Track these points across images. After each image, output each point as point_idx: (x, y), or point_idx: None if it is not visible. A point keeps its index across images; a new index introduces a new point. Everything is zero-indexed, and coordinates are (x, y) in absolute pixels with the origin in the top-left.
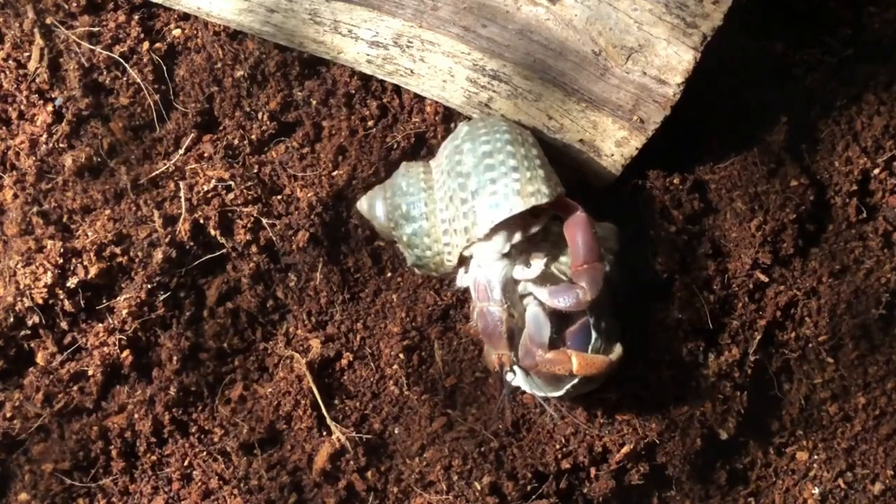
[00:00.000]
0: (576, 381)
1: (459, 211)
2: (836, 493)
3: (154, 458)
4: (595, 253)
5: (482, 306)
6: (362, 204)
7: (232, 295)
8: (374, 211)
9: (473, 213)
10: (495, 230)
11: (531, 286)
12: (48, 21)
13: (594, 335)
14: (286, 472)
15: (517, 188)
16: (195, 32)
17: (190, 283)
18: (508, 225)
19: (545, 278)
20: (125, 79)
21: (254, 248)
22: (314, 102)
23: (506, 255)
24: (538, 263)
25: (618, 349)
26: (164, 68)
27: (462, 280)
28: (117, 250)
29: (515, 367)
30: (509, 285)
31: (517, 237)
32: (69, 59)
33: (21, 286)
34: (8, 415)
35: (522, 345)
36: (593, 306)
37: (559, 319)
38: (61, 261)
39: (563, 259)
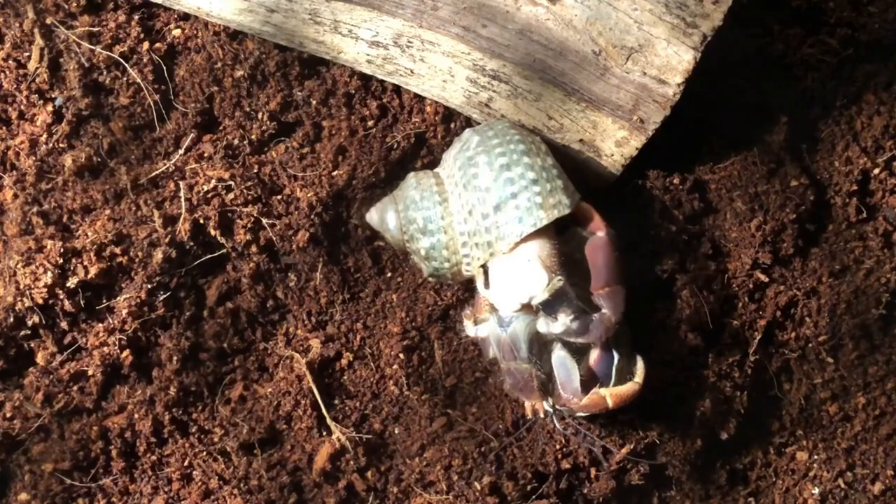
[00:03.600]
0: None
1: (481, 225)
2: (836, 493)
3: (154, 458)
4: (616, 275)
5: (509, 366)
6: (372, 216)
7: (232, 295)
8: (387, 224)
9: (497, 227)
10: (518, 243)
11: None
12: (48, 21)
13: (616, 356)
14: (286, 472)
15: (539, 201)
16: (195, 32)
17: (190, 283)
18: (530, 237)
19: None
20: (125, 79)
21: (254, 248)
22: (314, 102)
23: (526, 308)
24: (564, 319)
25: (640, 366)
26: (164, 68)
27: (471, 330)
28: (117, 250)
29: (550, 409)
30: (534, 339)
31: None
32: (69, 59)
33: (21, 286)
34: (8, 415)
35: (556, 390)
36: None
37: (579, 350)
38: (61, 261)
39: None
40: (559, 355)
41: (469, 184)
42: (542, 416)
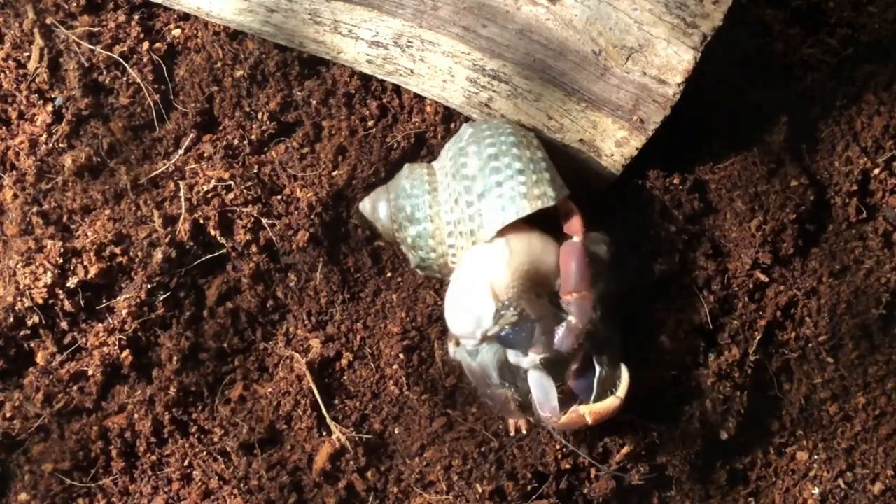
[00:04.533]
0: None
1: (465, 213)
2: (837, 493)
3: (154, 458)
4: (586, 282)
5: (484, 392)
6: (365, 205)
7: (232, 295)
8: (378, 213)
9: (480, 215)
10: (500, 234)
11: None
12: (48, 21)
13: (598, 368)
14: (286, 472)
15: (524, 191)
16: (195, 32)
17: (190, 283)
18: (512, 228)
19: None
20: (125, 79)
21: (254, 248)
22: (314, 102)
23: (488, 338)
24: (533, 357)
25: (624, 378)
26: (164, 68)
27: (451, 351)
28: (117, 250)
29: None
30: (505, 366)
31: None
32: (69, 59)
33: (21, 286)
34: (8, 415)
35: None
36: (590, 339)
37: (559, 364)
38: (61, 261)
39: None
40: (534, 375)
41: (458, 173)
42: (524, 432)
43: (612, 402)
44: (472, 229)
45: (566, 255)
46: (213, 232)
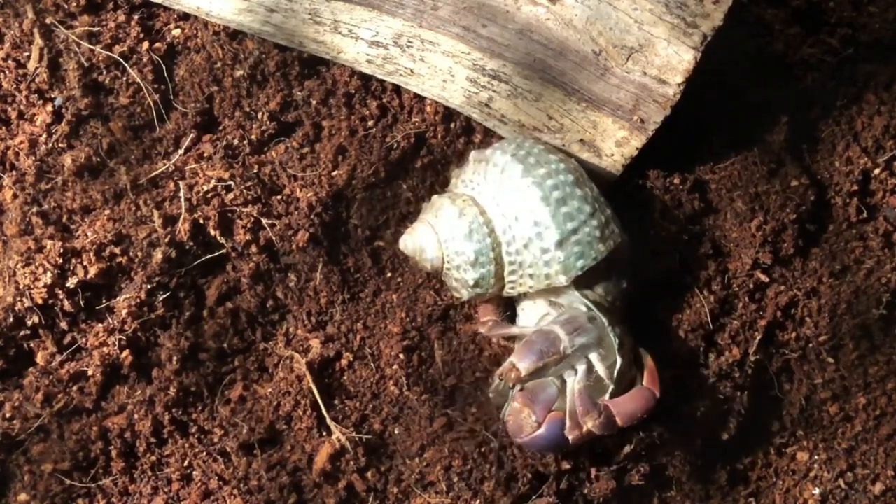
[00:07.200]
0: None
1: (539, 259)
2: (837, 494)
3: (154, 458)
4: (632, 419)
5: (556, 329)
6: (406, 243)
7: (232, 295)
8: (426, 254)
9: (558, 262)
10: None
11: (583, 364)
12: (48, 21)
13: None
14: (286, 473)
15: (598, 234)
16: (195, 32)
17: (190, 283)
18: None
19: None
20: (125, 79)
21: (254, 248)
22: (314, 102)
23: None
24: (608, 371)
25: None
26: (164, 68)
27: (531, 312)
28: (117, 250)
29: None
30: (583, 349)
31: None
32: (69, 59)
33: (21, 286)
34: (8, 415)
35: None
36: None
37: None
38: (61, 261)
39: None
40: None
41: (523, 217)
42: (508, 384)
43: (648, 376)
44: (547, 273)
45: (641, 393)
46: (212, 232)
